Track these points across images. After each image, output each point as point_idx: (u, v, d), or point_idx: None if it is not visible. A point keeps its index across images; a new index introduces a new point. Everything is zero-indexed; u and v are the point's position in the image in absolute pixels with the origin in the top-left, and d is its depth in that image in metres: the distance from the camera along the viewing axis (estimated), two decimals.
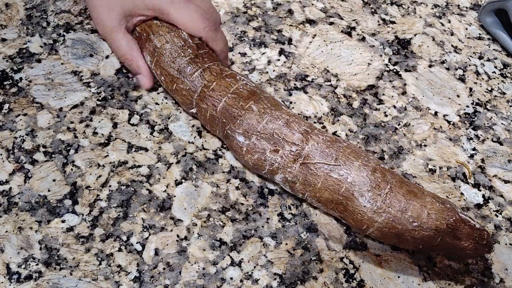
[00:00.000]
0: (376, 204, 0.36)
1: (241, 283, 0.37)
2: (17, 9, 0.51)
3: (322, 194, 0.38)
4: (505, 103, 0.51)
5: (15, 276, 0.36)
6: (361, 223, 0.37)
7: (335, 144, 0.38)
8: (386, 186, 0.37)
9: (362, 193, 0.37)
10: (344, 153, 0.38)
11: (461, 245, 0.37)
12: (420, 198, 0.37)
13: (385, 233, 0.37)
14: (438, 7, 0.59)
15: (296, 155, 0.38)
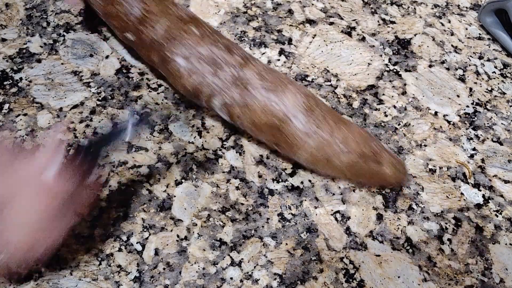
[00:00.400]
0: (309, 126, 0.38)
1: (241, 283, 0.37)
2: (17, 9, 0.51)
3: (259, 118, 0.39)
4: (505, 103, 0.51)
5: (15, 276, 0.36)
6: (293, 147, 0.39)
7: (273, 71, 0.40)
8: (319, 112, 0.39)
9: (297, 116, 0.38)
10: (281, 78, 0.40)
11: (383, 170, 0.39)
12: (348, 125, 0.40)
13: (315, 156, 0.39)
14: (438, 7, 0.59)
15: (236, 78, 0.39)
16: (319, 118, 0.38)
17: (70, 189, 0.32)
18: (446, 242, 0.41)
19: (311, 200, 0.42)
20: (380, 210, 0.42)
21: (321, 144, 0.38)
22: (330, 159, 0.38)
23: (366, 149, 0.38)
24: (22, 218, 0.31)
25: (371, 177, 0.40)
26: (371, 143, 0.39)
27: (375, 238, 0.41)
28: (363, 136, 0.39)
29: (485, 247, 0.41)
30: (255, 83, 0.39)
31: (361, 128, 0.40)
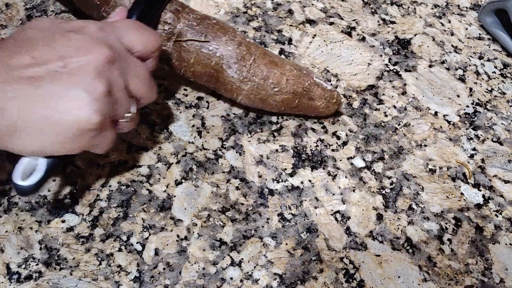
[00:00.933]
0: (242, 74, 0.42)
1: (241, 283, 0.37)
2: (17, 9, 0.51)
3: (196, 69, 0.42)
4: (505, 103, 0.51)
5: (15, 276, 0.36)
6: (231, 92, 0.43)
7: (205, 21, 0.42)
8: (250, 58, 0.42)
9: (230, 65, 0.42)
10: (213, 29, 0.42)
11: (315, 104, 0.44)
12: (280, 66, 0.43)
13: (251, 99, 0.43)
14: (438, 7, 0.59)
15: (168, 33, 0.41)
16: (252, 65, 0.42)
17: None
18: (446, 242, 0.41)
19: (311, 200, 0.42)
20: (380, 210, 0.42)
21: (255, 88, 0.42)
22: (266, 100, 0.43)
23: (298, 88, 0.43)
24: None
25: (306, 110, 0.45)
26: (303, 81, 0.43)
27: (375, 238, 0.41)
28: (295, 75, 0.43)
29: (485, 247, 0.41)
30: (187, 36, 0.41)
31: (293, 66, 0.44)
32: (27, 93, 0.30)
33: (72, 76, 0.31)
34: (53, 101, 0.30)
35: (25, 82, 0.30)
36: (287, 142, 0.45)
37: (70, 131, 0.31)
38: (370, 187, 0.43)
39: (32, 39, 0.31)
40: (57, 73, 0.30)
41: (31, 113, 0.30)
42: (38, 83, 0.30)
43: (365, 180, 0.44)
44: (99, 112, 0.31)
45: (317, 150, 0.45)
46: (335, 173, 0.44)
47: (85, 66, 0.31)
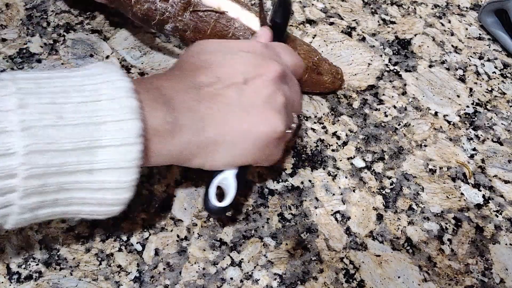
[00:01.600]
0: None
1: (241, 283, 0.37)
2: (17, 9, 0.51)
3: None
4: (505, 103, 0.51)
5: (15, 276, 0.36)
6: None
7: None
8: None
9: (246, 37, 0.41)
10: (231, 1, 0.42)
11: (323, 79, 0.45)
12: (293, 41, 0.44)
13: None
14: (438, 7, 0.59)
15: (185, 3, 0.40)
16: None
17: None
18: (446, 242, 0.41)
19: (311, 200, 0.42)
20: (380, 210, 0.42)
21: None
22: None
23: (308, 62, 0.44)
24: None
25: (313, 86, 0.45)
26: (313, 55, 0.45)
27: (375, 238, 0.41)
28: (306, 50, 0.44)
29: (485, 247, 0.41)
30: (205, 7, 0.41)
31: (304, 43, 0.45)
32: (220, 109, 0.32)
33: (255, 90, 0.34)
34: (244, 114, 0.33)
35: (216, 99, 0.33)
36: (287, 142, 0.45)
37: (260, 141, 0.34)
38: (370, 187, 0.43)
39: (208, 61, 0.34)
40: (241, 88, 0.33)
41: (227, 128, 0.33)
42: (228, 99, 0.33)
43: (365, 180, 0.44)
44: (283, 121, 0.34)
45: (317, 150, 0.45)
46: (335, 173, 0.44)
47: (264, 80, 0.34)
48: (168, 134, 0.30)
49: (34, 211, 0.28)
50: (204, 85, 0.33)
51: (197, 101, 0.32)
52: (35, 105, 0.26)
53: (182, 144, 0.31)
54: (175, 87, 0.32)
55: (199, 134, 0.32)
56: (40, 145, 0.26)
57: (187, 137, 0.31)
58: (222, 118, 0.32)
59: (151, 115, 0.29)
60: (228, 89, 0.33)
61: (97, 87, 0.28)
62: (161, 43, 0.50)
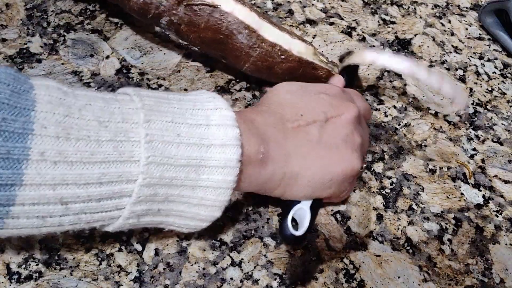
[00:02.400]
0: (251, 40, 0.42)
1: (241, 283, 0.37)
2: (18, 9, 0.51)
3: (206, 34, 0.42)
4: (506, 103, 0.51)
5: (15, 276, 0.36)
6: (238, 59, 0.43)
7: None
8: (264, 24, 0.42)
9: (240, 30, 0.42)
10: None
11: (318, 74, 0.45)
12: (289, 34, 0.43)
13: (258, 66, 0.43)
14: (438, 7, 0.59)
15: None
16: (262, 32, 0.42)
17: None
18: (446, 243, 0.41)
19: None
20: (380, 210, 0.42)
21: (263, 55, 0.43)
22: (272, 68, 0.43)
23: (303, 57, 0.44)
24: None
25: (308, 81, 0.44)
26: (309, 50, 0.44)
27: (375, 238, 0.41)
28: (301, 45, 0.44)
29: (485, 248, 0.41)
30: (198, 0, 0.41)
31: (298, 37, 0.44)
32: (303, 145, 0.35)
33: (335, 128, 0.36)
34: (324, 151, 0.35)
35: (300, 135, 0.35)
36: None
37: (338, 177, 0.35)
38: (370, 187, 0.43)
39: (292, 100, 0.37)
40: (322, 126, 0.36)
41: (308, 162, 0.35)
42: (310, 136, 0.35)
43: (365, 180, 0.44)
44: (360, 160, 0.36)
45: None
46: None
47: (342, 120, 0.36)
48: (259, 164, 0.33)
49: (139, 217, 0.31)
50: (289, 121, 0.35)
51: (284, 136, 0.34)
52: (158, 122, 0.29)
53: (268, 174, 0.34)
54: (265, 122, 0.35)
55: (284, 166, 0.34)
56: (158, 158, 0.29)
57: (273, 168, 0.34)
58: (305, 153, 0.35)
59: (247, 144, 0.32)
60: (311, 127, 0.35)
61: (208, 114, 0.32)
62: (161, 43, 0.50)
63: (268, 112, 0.36)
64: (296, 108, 0.36)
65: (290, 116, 0.35)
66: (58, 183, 0.26)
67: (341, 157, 0.35)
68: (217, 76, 0.49)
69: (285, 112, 0.36)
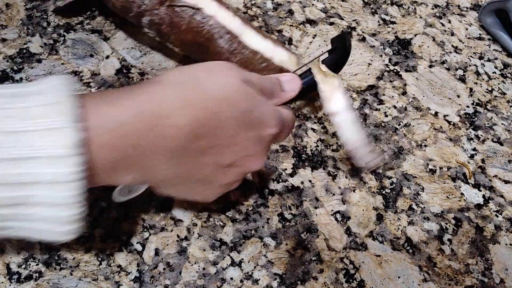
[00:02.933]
0: (232, 45, 0.41)
1: (241, 283, 0.37)
2: (18, 9, 0.51)
3: (186, 37, 0.42)
4: (506, 103, 0.51)
5: (15, 276, 0.36)
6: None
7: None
8: (243, 30, 0.41)
9: (221, 35, 0.41)
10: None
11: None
12: (272, 42, 0.43)
13: None
14: (438, 7, 0.59)
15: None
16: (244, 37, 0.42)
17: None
18: (446, 242, 0.41)
19: (311, 200, 0.42)
20: (380, 210, 0.42)
21: (243, 62, 0.42)
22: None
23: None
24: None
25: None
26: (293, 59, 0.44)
27: (375, 238, 0.41)
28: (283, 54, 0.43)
29: (485, 248, 0.41)
30: (181, 1, 0.41)
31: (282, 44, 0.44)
32: (181, 182, 0.32)
33: (226, 173, 0.33)
34: (196, 186, 0.34)
35: (194, 170, 0.31)
36: (287, 142, 0.45)
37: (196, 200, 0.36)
38: (370, 187, 0.43)
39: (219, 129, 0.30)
40: (221, 171, 0.33)
41: (176, 193, 0.34)
42: (202, 176, 0.32)
43: (365, 180, 0.44)
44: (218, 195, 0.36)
45: (317, 150, 0.45)
46: (335, 173, 0.44)
47: (247, 169, 0.34)
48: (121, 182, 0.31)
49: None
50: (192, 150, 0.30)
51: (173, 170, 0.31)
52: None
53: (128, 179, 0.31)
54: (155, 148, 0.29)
55: (154, 187, 0.33)
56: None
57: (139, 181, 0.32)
58: (178, 189, 0.34)
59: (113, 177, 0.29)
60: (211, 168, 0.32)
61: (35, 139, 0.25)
62: (161, 43, 0.50)
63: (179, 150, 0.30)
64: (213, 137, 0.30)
65: (201, 145, 0.30)
66: None
67: (202, 191, 0.34)
68: None
69: (199, 138, 0.30)
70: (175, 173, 0.31)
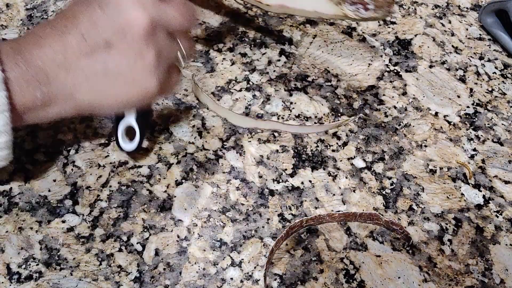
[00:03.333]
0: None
1: (241, 283, 0.37)
2: (18, 9, 0.51)
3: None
4: (506, 103, 0.51)
5: (15, 276, 0.36)
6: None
7: None
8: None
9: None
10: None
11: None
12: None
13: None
14: (438, 7, 0.59)
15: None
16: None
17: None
18: (447, 243, 0.41)
19: (311, 200, 0.42)
20: (380, 210, 0.42)
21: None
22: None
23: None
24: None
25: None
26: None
27: (376, 238, 0.41)
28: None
29: (486, 248, 0.41)
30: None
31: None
32: (87, 78, 0.32)
33: (120, 53, 0.32)
34: (112, 81, 0.33)
35: (83, 67, 0.32)
36: (287, 143, 0.45)
37: (138, 101, 0.35)
38: (371, 187, 0.43)
39: (76, 18, 0.32)
40: (106, 52, 0.32)
41: (98, 96, 0.33)
42: (94, 66, 0.32)
43: (366, 180, 0.44)
44: (155, 78, 0.33)
45: (317, 150, 0.45)
46: (335, 173, 0.44)
47: (128, 40, 0.31)
48: (42, 106, 0.32)
49: None
50: (73, 50, 0.31)
51: (66, 71, 0.31)
52: None
53: (54, 112, 0.33)
54: (46, 57, 0.31)
55: (71, 102, 0.33)
56: None
57: (61, 106, 0.33)
58: (90, 86, 0.32)
59: (20, 93, 0.30)
60: (93, 55, 0.32)
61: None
62: None
63: (52, 38, 0.31)
64: (79, 28, 0.31)
65: (74, 42, 0.31)
66: None
67: (131, 82, 0.33)
68: (217, 76, 0.49)
69: (66, 33, 0.31)
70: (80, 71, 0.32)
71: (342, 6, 0.42)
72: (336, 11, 0.43)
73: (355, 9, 0.42)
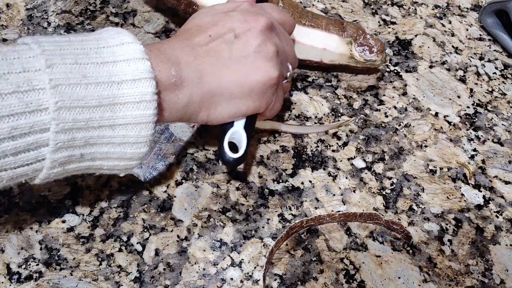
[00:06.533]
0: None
1: (241, 283, 0.37)
2: (18, 10, 0.51)
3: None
4: (506, 104, 0.51)
5: (15, 276, 0.36)
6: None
7: None
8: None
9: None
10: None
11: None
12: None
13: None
14: (438, 8, 0.59)
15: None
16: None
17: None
18: (447, 243, 0.41)
19: (312, 200, 0.42)
20: (380, 211, 0.42)
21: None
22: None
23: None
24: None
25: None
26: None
27: (376, 238, 0.41)
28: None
29: (486, 248, 0.41)
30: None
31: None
32: (213, 63, 0.35)
33: (245, 42, 0.36)
34: (236, 66, 0.35)
35: (210, 55, 0.35)
36: (287, 143, 0.45)
37: (256, 88, 0.36)
38: (371, 187, 0.43)
39: (201, 24, 0.37)
40: (232, 42, 0.36)
41: (223, 79, 0.35)
42: (220, 53, 0.35)
43: (366, 180, 0.44)
44: (276, 68, 0.36)
45: (317, 150, 0.45)
46: (335, 173, 0.44)
47: (253, 32, 0.36)
48: (174, 88, 0.33)
49: (63, 165, 0.30)
50: (199, 45, 0.35)
51: (194, 57, 0.34)
52: (60, 65, 0.28)
53: (185, 96, 0.34)
54: (173, 47, 0.34)
55: (199, 86, 0.34)
56: (67, 102, 0.28)
57: (189, 90, 0.34)
58: (217, 71, 0.35)
59: (157, 70, 0.32)
60: (220, 45, 0.35)
61: (114, 50, 0.30)
62: None
63: (175, 39, 0.36)
64: (203, 30, 0.36)
65: (199, 39, 0.35)
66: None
67: (255, 67, 0.36)
68: None
69: (194, 37, 0.36)
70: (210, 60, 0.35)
71: (352, 47, 0.47)
72: (345, 51, 0.47)
73: (362, 51, 0.47)
